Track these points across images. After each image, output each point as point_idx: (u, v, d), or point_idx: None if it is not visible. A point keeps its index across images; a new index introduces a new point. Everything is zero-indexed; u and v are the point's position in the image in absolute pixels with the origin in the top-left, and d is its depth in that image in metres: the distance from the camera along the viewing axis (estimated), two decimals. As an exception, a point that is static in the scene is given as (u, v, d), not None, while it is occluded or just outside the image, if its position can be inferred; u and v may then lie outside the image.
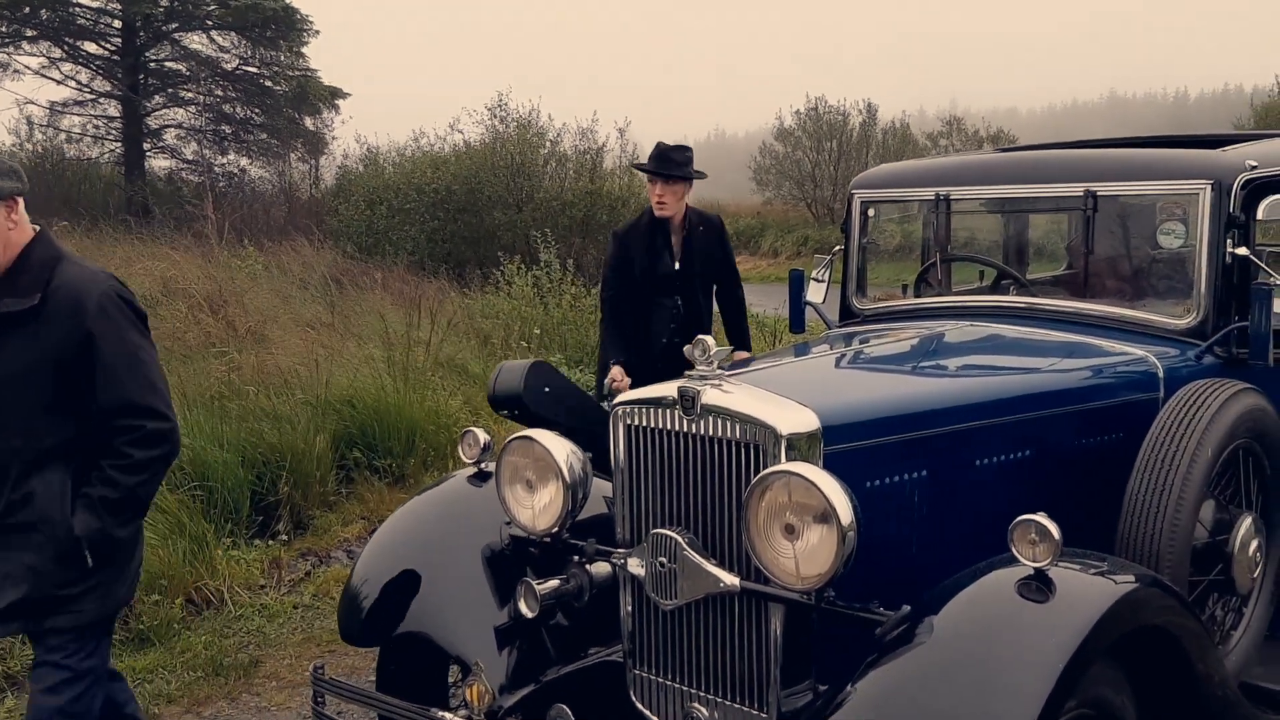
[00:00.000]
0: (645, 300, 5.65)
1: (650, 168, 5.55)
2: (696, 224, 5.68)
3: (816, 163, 31.35)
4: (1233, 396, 3.37)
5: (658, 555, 3.08)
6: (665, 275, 5.63)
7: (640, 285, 5.63)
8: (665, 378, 3.20)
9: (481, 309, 11.77)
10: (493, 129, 16.26)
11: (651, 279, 5.61)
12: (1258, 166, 3.91)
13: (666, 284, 5.64)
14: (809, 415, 2.97)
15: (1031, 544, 2.62)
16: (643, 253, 5.62)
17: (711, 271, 5.78)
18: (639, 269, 5.62)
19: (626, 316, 5.70)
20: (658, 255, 5.61)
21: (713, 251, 5.75)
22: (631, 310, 5.68)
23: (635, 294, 5.66)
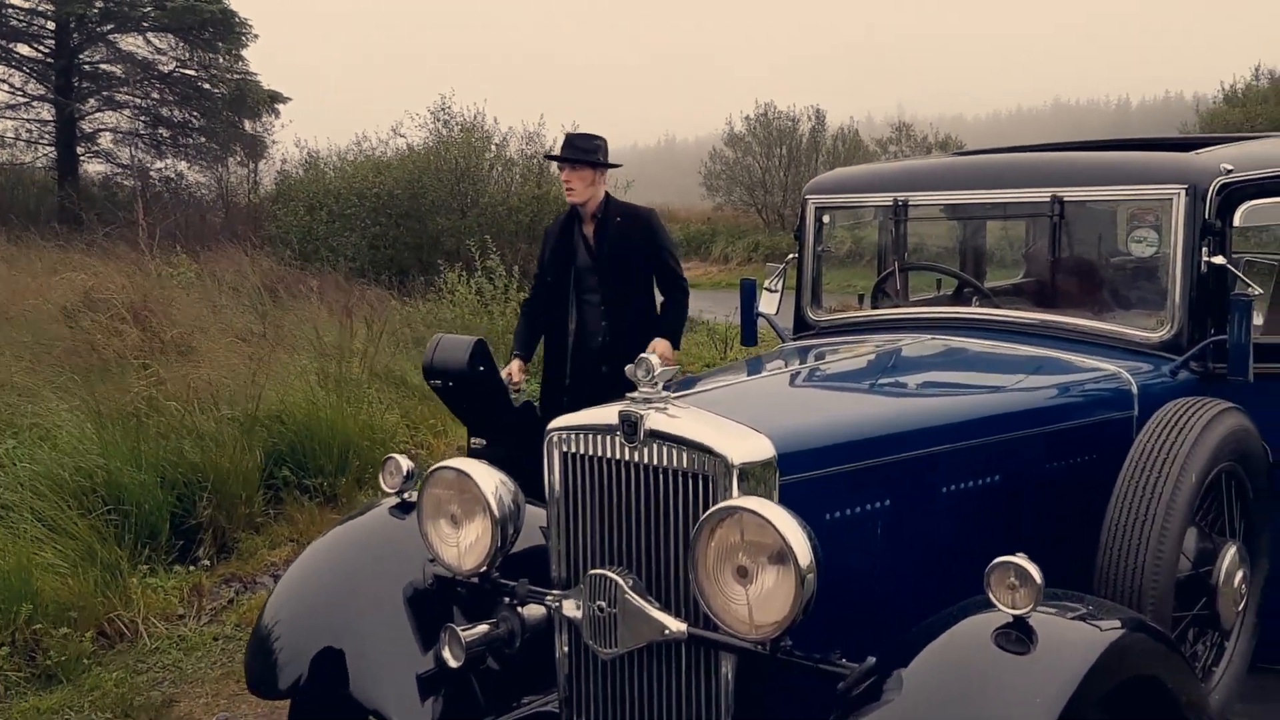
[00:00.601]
0: (570, 297, 5.59)
1: (557, 154, 5.61)
2: (615, 214, 5.57)
3: (767, 169, 31.24)
4: (1216, 417, 3.13)
5: (596, 598, 2.78)
6: (582, 268, 5.55)
7: (561, 280, 5.59)
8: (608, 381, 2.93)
9: (424, 317, 11.39)
10: (436, 133, 15.90)
11: (568, 272, 5.57)
12: (1233, 170, 3.69)
13: (584, 277, 5.56)
14: (763, 442, 2.69)
15: (1011, 589, 2.35)
16: (558, 244, 5.62)
17: (635, 264, 5.59)
18: (557, 261, 5.60)
19: (542, 315, 5.69)
20: (572, 247, 5.58)
21: (635, 243, 5.56)
22: (556, 309, 5.62)
23: (560, 291, 5.60)
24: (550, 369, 5.80)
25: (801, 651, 2.55)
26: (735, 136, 32.27)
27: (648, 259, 5.63)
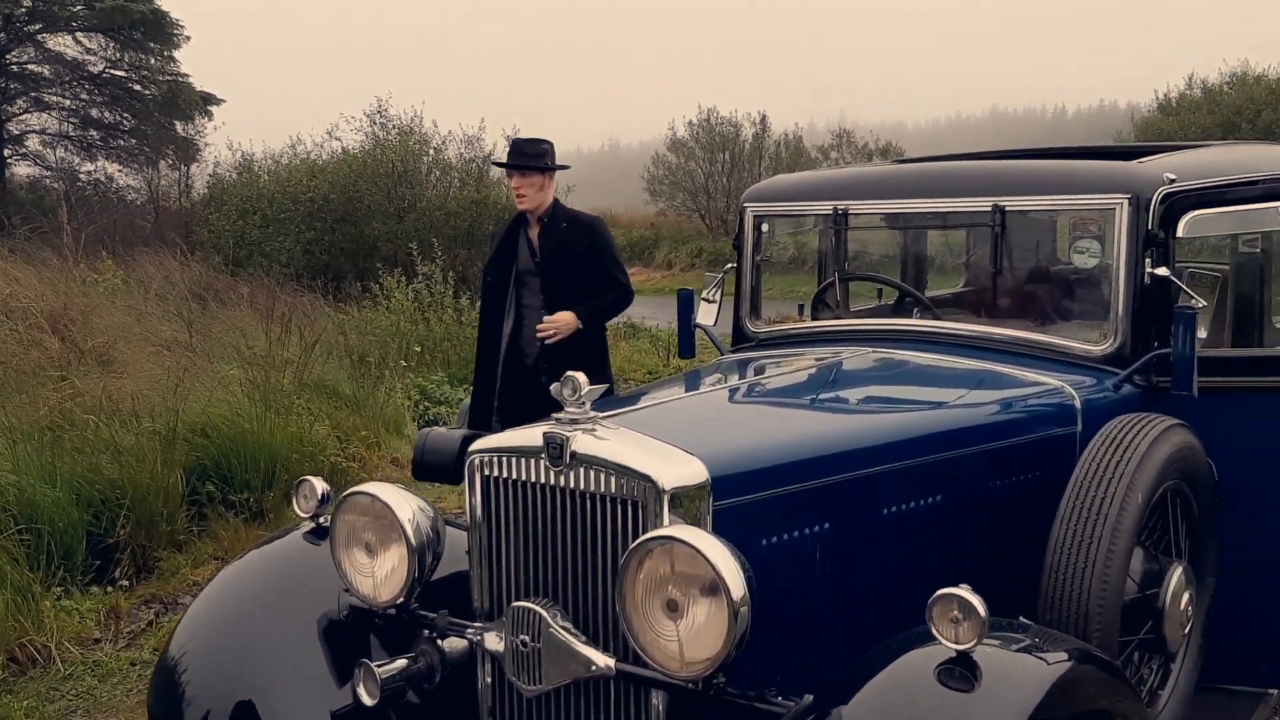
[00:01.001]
0: (507, 301, 5.57)
1: (505, 161, 5.55)
2: (561, 220, 5.57)
3: (709, 174, 31.22)
4: (1162, 435, 3.05)
5: (518, 632, 2.62)
6: (524, 271, 5.54)
7: (501, 283, 5.57)
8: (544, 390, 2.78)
9: (358, 325, 11.13)
10: (373, 135, 15.60)
11: (509, 275, 5.55)
12: (1176, 180, 3.62)
13: (526, 281, 5.54)
14: (695, 465, 2.55)
15: (954, 622, 2.23)
16: (502, 247, 5.61)
17: (578, 270, 5.52)
18: (499, 264, 5.59)
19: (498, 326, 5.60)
20: (515, 250, 5.57)
21: (579, 249, 5.53)
22: (493, 312, 5.62)
23: (498, 294, 5.58)
24: (482, 374, 5.68)
25: (736, 688, 2.41)
26: (678, 141, 32.21)
27: (590, 265, 5.55)
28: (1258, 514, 3.53)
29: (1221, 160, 4.20)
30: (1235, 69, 27.30)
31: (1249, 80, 26.38)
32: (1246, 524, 3.49)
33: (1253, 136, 21.53)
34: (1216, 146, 4.71)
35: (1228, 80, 27.05)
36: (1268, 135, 21.77)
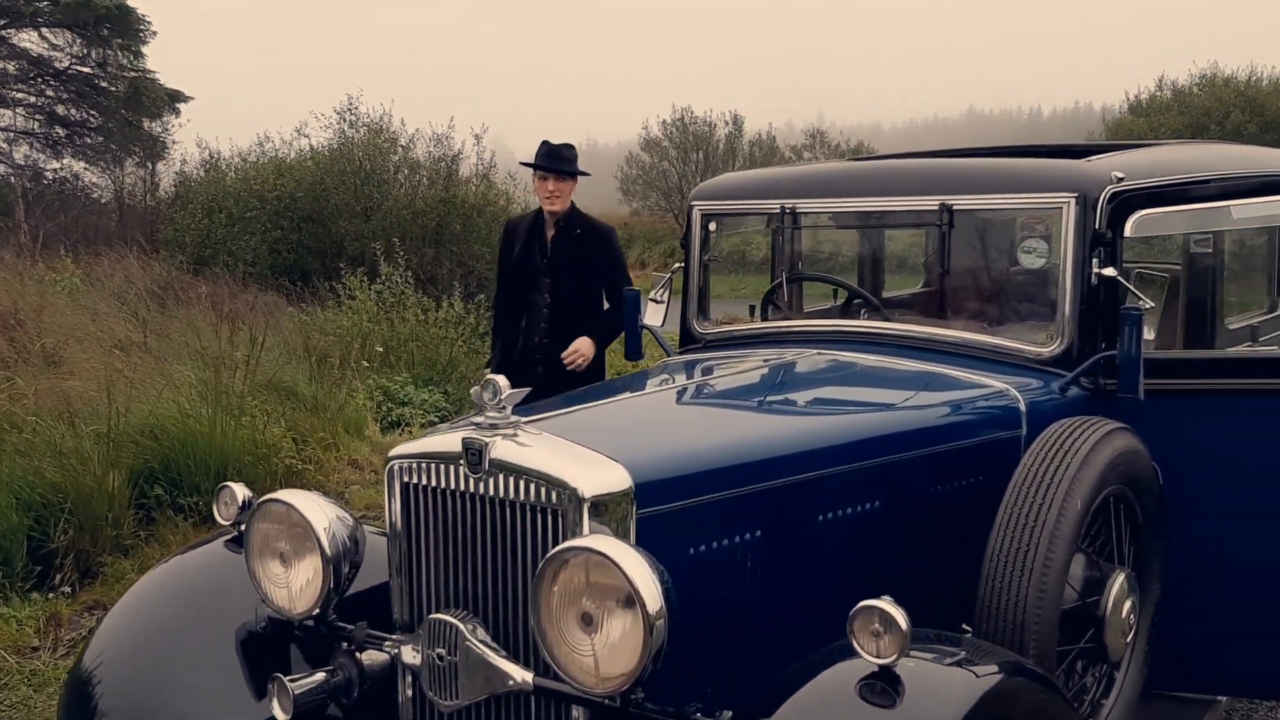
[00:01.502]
0: (522, 297, 5.77)
1: (543, 164, 5.67)
2: (575, 225, 5.75)
3: (683, 174, 31.13)
4: (1103, 439, 2.98)
5: (435, 645, 2.53)
6: (535, 268, 5.71)
7: (516, 280, 5.79)
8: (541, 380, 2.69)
9: (322, 325, 10.98)
10: (341, 133, 15.44)
11: (524, 272, 5.74)
12: (1124, 178, 3.56)
13: (536, 278, 5.72)
14: (618, 472, 2.47)
15: (875, 636, 2.15)
16: (520, 244, 5.80)
17: (585, 275, 5.72)
18: (515, 260, 5.79)
19: (510, 318, 5.83)
20: (530, 248, 5.75)
21: (590, 254, 5.73)
22: (513, 308, 5.81)
23: (519, 291, 5.79)
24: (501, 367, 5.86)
25: (658, 703, 2.33)
26: (652, 141, 32.11)
27: (598, 272, 5.74)
28: (1207, 518, 3.47)
29: (1171, 159, 4.14)
30: (1204, 71, 27.46)
31: (1218, 82, 26.54)
32: (1197, 529, 3.43)
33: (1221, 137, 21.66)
34: (1167, 146, 4.66)
35: (1197, 82, 27.20)
36: (1236, 136, 21.89)
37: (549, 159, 5.65)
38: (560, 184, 5.63)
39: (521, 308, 5.76)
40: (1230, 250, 4.28)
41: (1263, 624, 3.49)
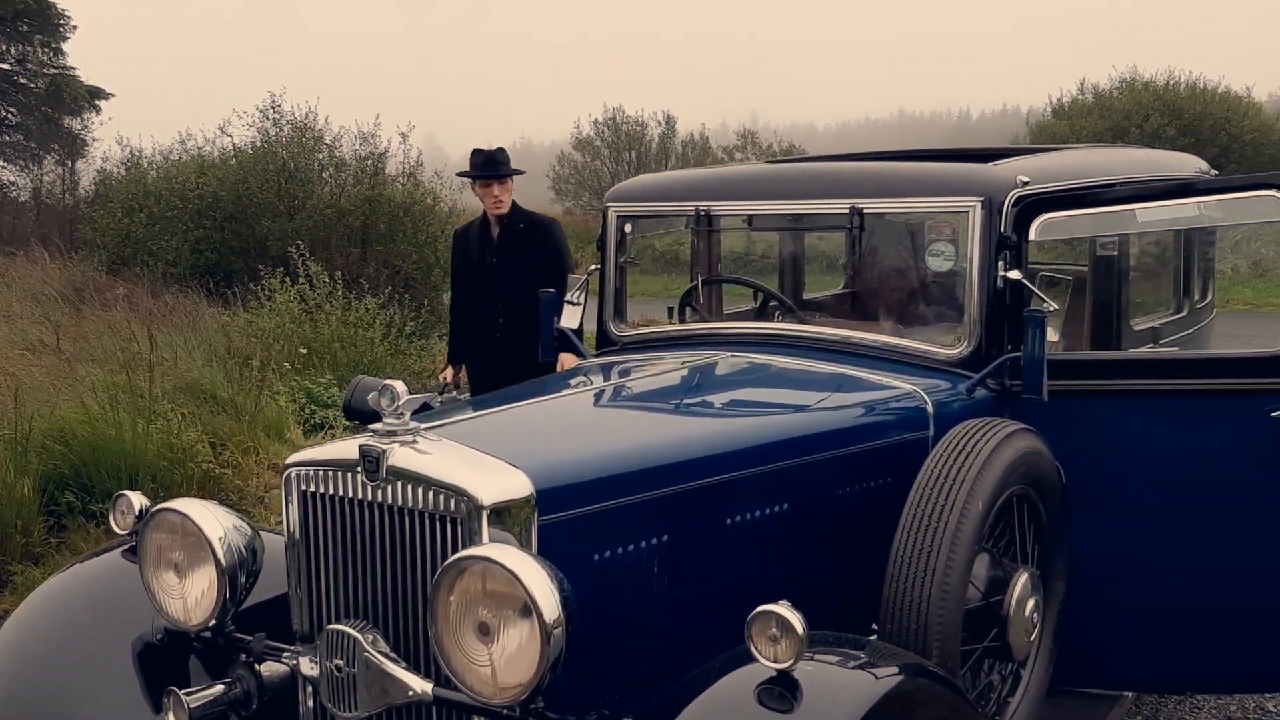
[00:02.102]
0: (478, 298, 5.94)
1: (482, 173, 5.82)
2: (518, 221, 5.90)
3: (616, 173, 31.10)
4: (1005, 440, 3.01)
5: (333, 656, 2.48)
6: (486, 268, 5.89)
7: (472, 282, 5.99)
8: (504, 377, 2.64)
9: (243, 326, 10.78)
10: (265, 131, 15.18)
11: (477, 274, 5.94)
12: (1030, 182, 3.61)
13: (487, 277, 5.89)
14: (519, 479, 2.45)
15: (772, 641, 2.15)
16: (471, 247, 6.01)
17: (533, 269, 5.78)
18: (468, 264, 6.01)
19: (466, 319, 6.04)
20: (480, 250, 5.94)
21: (533, 247, 5.86)
22: (474, 311, 5.98)
23: (468, 291, 6.03)
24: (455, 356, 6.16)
25: (558, 711, 2.31)
26: (584, 140, 32.05)
27: (542, 264, 5.80)
28: (1112, 517, 3.53)
29: (1077, 164, 4.21)
30: (1124, 75, 28.06)
31: (1137, 86, 27.11)
32: (1102, 528, 3.49)
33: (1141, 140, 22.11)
34: (1074, 150, 4.73)
35: (1117, 86, 27.77)
36: (1155, 139, 22.37)
37: (487, 167, 5.80)
38: (502, 187, 5.80)
39: (479, 308, 5.92)
40: (1136, 253, 4.36)
41: (1167, 620, 3.56)
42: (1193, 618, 3.54)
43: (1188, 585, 3.52)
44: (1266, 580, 3.47)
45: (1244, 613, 3.50)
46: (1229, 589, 3.49)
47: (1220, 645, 3.56)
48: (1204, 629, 3.54)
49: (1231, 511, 3.47)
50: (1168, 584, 3.54)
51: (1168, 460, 3.53)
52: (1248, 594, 3.49)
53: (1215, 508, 3.47)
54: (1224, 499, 3.47)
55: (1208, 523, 3.48)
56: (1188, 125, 24.44)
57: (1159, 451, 3.54)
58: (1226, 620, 3.52)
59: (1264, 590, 3.47)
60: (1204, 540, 3.49)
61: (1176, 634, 3.58)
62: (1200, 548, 3.49)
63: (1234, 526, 3.47)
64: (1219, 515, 3.47)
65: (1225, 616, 3.51)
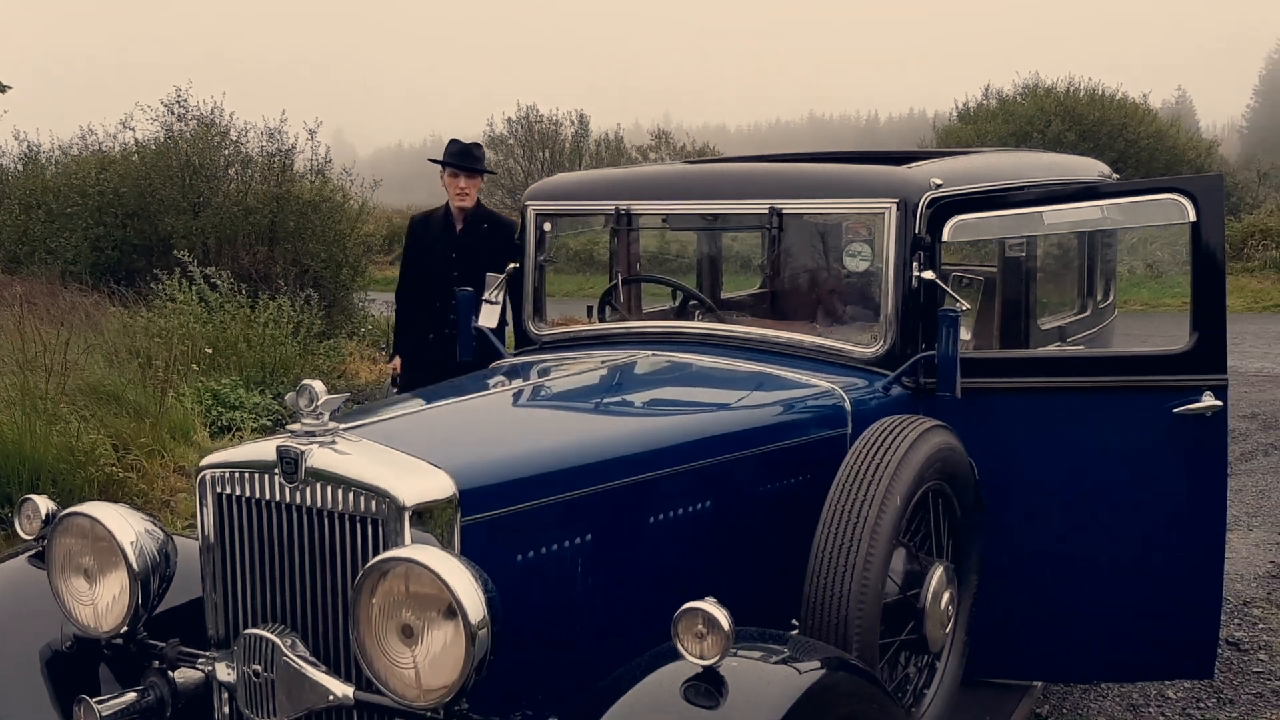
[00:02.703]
0: (432, 291, 5.86)
1: (454, 161, 5.84)
2: (482, 220, 5.90)
3: (529, 172, 30.97)
4: (921, 436, 3.07)
5: (250, 661, 2.43)
6: (444, 262, 5.84)
7: (426, 275, 5.91)
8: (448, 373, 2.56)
9: (146, 326, 10.49)
10: (169, 127, 14.79)
11: (433, 267, 5.88)
12: (943, 185, 3.68)
13: (445, 272, 5.79)
14: (441, 479, 2.42)
15: (698, 637, 2.16)
16: (429, 239, 5.97)
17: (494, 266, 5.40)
18: (424, 256, 5.97)
19: (415, 310, 5.97)
20: (442, 244, 5.90)
21: (497, 248, 5.65)
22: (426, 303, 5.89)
23: (422, 285, 5.94)
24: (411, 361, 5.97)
25: (482, 713, 2.29)
26: (497, 139, 31.86)
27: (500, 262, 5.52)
28: (1021, 511, 3.62)
29: (987, 167, 4.31)
30: (1027, 81, 28.78)
31: (1039, 92, 27.83)
32: (1011, 521, 3.58)
33: (1042, 145, 22.71)
34: (984, 153, 4.84)
35: (1020, 91, 28.47)
36: (1057, 143, 22.98)
37: (460, 157, 5.83)
38: (470, 181, 5.82)
39: (431, 301, 5.85)
40: (1042, 254, 4.47)
41: (1072, 612, 3.66)
42: (1096, 609, 3.65)
43: (1091, 577, 3.63)
44: (1166, 572, 3.59)
45: (1145, 603, 3.61)
46: (1131, 580, 3.61)
47: (1123, 635, 3.67)
48: (1107, 620, 3.65)
49: (1134, 505, 3.58)
50: (1073, 576, 3.65)
51: (1074, 455, 3.63)
52: (1148, 585, 3.60)
53: (1119, 501, 3.58)
54: (1127, 493, 3.58)
55: (1111, 516, 3.59)
56: (1087, 131, 25.15)
57: (1066, 447, 3.64)
58: (1128, 611, 3.63)
59: (1163, 582, 3.59)
60: (1107, 533, 3.60)
61: (1081, 625, 3.68)
62: (1103, 540, 3.60)
63: (1136, 519, 3.58)
64: (1122, 509, 3.58)
65: (1127, 607, 3.63)
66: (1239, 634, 5.14)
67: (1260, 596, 5.63)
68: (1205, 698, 4.53)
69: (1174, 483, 3.55)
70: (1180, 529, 3.56)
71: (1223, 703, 4.50)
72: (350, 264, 13.93)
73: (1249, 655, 4.93)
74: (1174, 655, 3.71)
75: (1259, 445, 8.87)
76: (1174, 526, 3.57)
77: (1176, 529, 3.57)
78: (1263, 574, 5.96)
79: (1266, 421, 9.71)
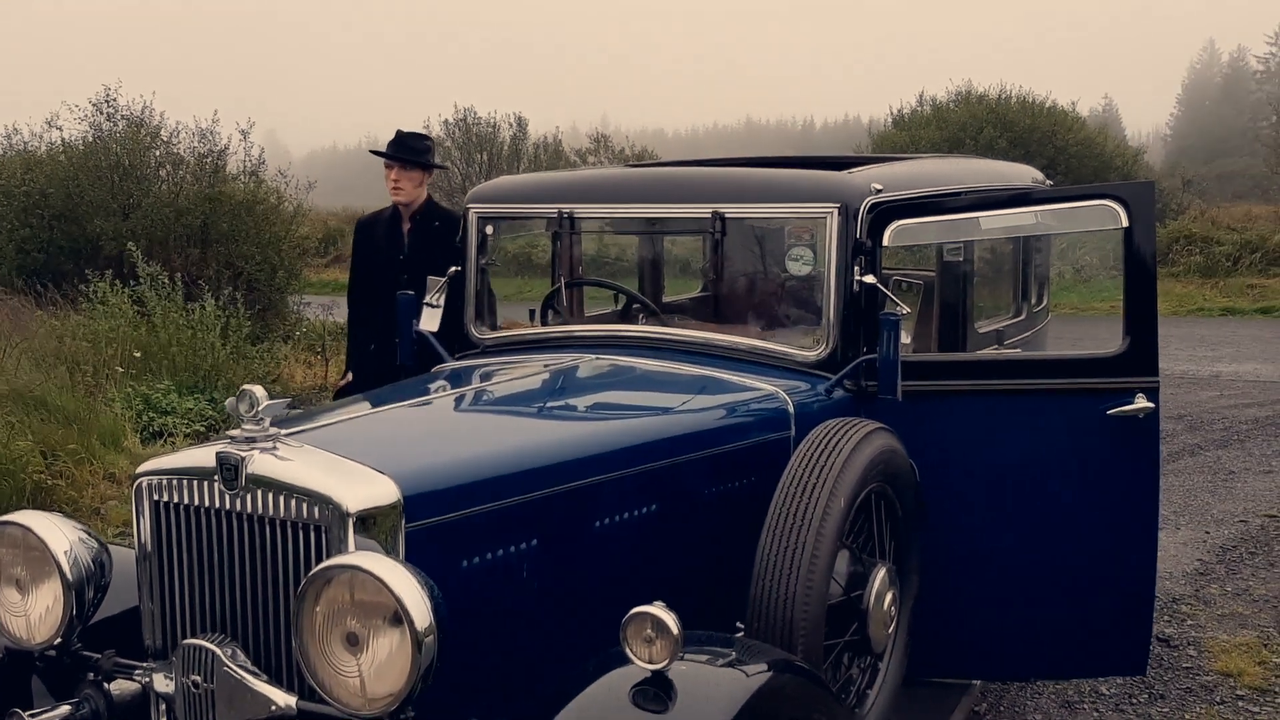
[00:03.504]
0: (383, 293, 5.32)
1: (386, 152, 5.45)
2: (434, 218, 5.49)
3: (467, 174, 30.80)
4: (864, 439, 3.10)
5: (190, 672, 2.39)
6: (394, 264, 5.44)
7: (376, 276, 5.51)
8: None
9: (75, 329, 10.26)
10: (98, 127, 14.49)
11: (382, 268, 5.48)
12: (883, 190, 3.72)
13: (395, 274, 5.36)
14: (385, 485, 2.39)
15: (647, 641, 2.16)
16: (377, 240, 5.58)
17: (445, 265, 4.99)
18: (373, 257, 5.58)
19: (367, 317, 5.55)
20: (389, 244, 5.52)
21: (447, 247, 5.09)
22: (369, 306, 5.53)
23: (371, 288, 5.52)
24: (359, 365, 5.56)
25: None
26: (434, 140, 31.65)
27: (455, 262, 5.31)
28: (960, 512, 3.67)
29: (926, 173, 4.36)
30: (960, 88, 29.23)
31: (972, 99, 28.28)
32: (950, 522, 3.62)
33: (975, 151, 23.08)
34: (922, 160, 4.91)
35: (953, 98, 28.91)
36: (989, 150, 23.36)
37: (393, 147, 5.43)
38: (404, 173, 5.35)
39: (381, 304, 5.34)
40: (979, 259, 4.54)
41: (1009, 611, 3.72)
42: (1032, 608, 3.71)
43: (1028, 577, 3.68)
44: (1100, 571, 3.66)
45: (1080, 602, 3.68)
46: (1066, 579, 3.67)
47: (1058, 634, 3.74)
48: (1043, 618, 3.71)
49: (1069, 505, 3.64)
50: (1010, 576, 3.70)
51: (1011, 456, 3.68)
52: (1083, 584, 3.67)
53: (1055, 501, 3.65)
54: (1063, 493, 3.64)
55: (1047, 516, 3.65)
56: (1018, 137, 25.59)
57: (1003, 448, 3.69)
58: (1064, 609, 3.69)
59: (1098, 580, 3.66)
60: (1043, 533, 3.66)
61: (1018, 624, 3.74)
62: (1039, 540, 3.66)
63: (1071, 519, 3.65)
64: (1058, 509, 3.65)
65: (1063, 606, 3.69)
66: (1169, 631, 5.25)
67: (1189, 594, 5.77)
68: (1137, 694, 4.63)
69: (1108, 483, 3.62)
70: (1114, 528, 3.63)
71: (1154, 698, 4.60)
72: (285, 267, 13.74)
73: (1179, 651, 5.04)
74: (1108, 653, 3.78)
75: (1185, 446, 9.10)
76: (1108, 526, 3.64)
77: (1111, 528, 3.64)
78: (1190, 572, 6.11)
79: (1192, 423, 9.96)
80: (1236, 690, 4.65)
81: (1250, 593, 5.79)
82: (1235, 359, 13.84)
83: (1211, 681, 4.73)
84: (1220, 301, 19.36)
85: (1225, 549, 6.49)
